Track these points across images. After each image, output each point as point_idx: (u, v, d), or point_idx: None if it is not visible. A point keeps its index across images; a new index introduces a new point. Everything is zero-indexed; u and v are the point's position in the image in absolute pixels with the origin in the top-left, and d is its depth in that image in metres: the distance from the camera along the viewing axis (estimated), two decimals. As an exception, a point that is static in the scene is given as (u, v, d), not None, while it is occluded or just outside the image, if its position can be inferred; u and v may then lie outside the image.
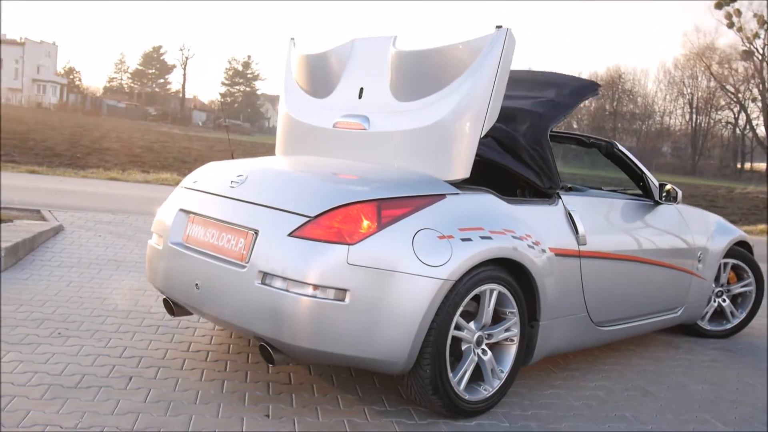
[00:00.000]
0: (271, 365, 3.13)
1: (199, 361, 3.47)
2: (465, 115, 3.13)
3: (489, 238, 3.02)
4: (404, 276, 2.78)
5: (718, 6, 56.83)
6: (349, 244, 2.74)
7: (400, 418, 3.01)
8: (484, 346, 3.11)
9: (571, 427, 3.10)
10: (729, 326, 4.91)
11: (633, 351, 4.40)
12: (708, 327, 4.87)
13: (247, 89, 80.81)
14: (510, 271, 3.14)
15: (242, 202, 3.07)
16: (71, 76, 75.57)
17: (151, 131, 37.70)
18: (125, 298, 4.46)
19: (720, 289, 4.88)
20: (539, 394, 3.47)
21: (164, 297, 3.45)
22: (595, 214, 3.77)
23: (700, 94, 64.53)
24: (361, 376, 3.46)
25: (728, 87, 61.67)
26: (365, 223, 2.79)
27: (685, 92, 65.83)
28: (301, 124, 3.79)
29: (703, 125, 64.83)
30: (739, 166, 61.86)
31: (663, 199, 4.24)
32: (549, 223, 3.42)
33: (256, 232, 2.90)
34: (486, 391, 3.12)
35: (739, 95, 61.20)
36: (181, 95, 73.31)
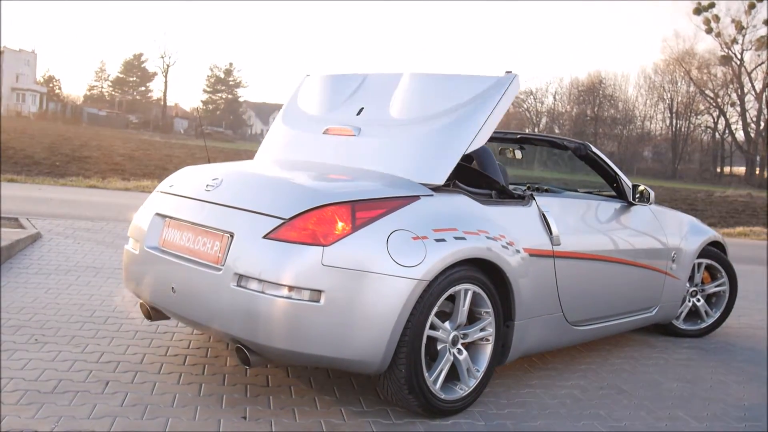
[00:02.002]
0: (247, 367, 3.14)
1: (177, 365, 3.48)
2: (453, 132, 3.28)
3: (463, 238, 3.05)
4: (379, 276, 2.80)
5: (697, 11, 57.52)
6: (323, 246, 2.76)
7: (377, 418, 3.04)
8: (459, 346, 3.14)
9: (545, 426, 3.13)
10: (703, 325, 4.98)
11: (609, 350, 4.45)
12: (683, 326, 4.93)
13: (229, 96, 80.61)
14: (484, 272, 3.18)
15: (217, 205, 3.09)
16: (51, 85, 74.99)
17: (132, 139, 37.48)
18: (103, 304, 4.45)
19: (694, 289, 4.95)
20: (515, 393, 3.51)
21: (141, 301, 3.46)
22: (569, 215, 3.82)
23: (679, 99, 65.20)
24: (339, 378, 3.48)
25: (707, 92, 62.41)
26: (340, 224, 2.82)
27: (665, 97, 66.50)
28: (291, 132, 3.88)
29: (683, 130, 65.45)
30: (718, 170, 62.48)
31: (636, 199, 4.30)
32: (523, 224, 3.46)
33: (232, 235, 2.92)
34: (462, 390, 3.15)
35: (718, 100, 61.95)
36: (162, 103, 72.97)
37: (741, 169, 61.60)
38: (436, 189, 3.19)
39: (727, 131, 63.29)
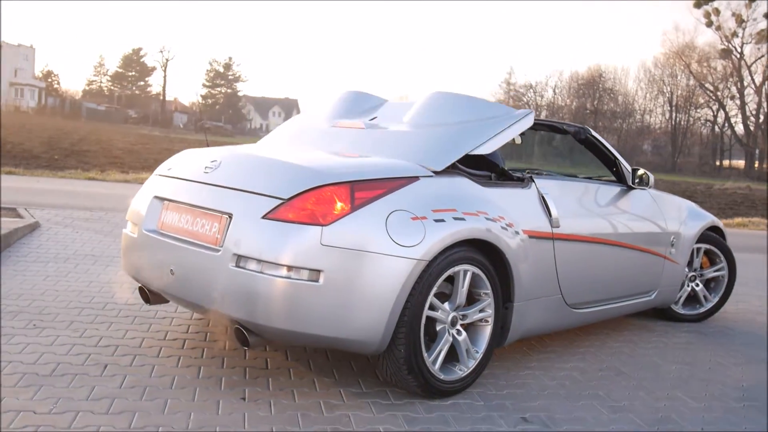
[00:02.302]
0: (246, 349, 3.14)
1: (176, 349, 3.47)
2: (462, 133, 3.43)
3: (462, 219, 3.05)
4: (378, 256, 2.80)
5: (697, 5, 57.54)
6: (322, 225, 2.76)
7: (376, 399, 3.04)
8: (458, 327, 3.14)
9: (545, 406, 3.13)
10: (702, 310, 4.98)
11: (607, 334, 4.45)
12: (682, 311, 4.94)
13: (229, 91, 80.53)
14: (484, 253, 3.18)
15: (216, 187, 3.08)
16: (49, 80, 74.91)
17: (132, 133, 37.48)
18: (101, 291, 4.44)
19: (693, 273, 4.95)
20: (514, 374, 3.51)
21: (139, 285, 3.45)
22: (568, 198, 3.81)
23: (679, 92, 65.12)
24: (338, 360, 3.48)
25: (707, 85, 62.34)
26: (339, 204, 2.82)
27: (665, 90, 66.42)
28: (299, 124, 3.97)
29: (682, 123, 65.40)
30: (718, 163, 62.46)
31: (636, 183, 4.30)
32: (522, 206, 3.46)
33: (230, 216, 2.92)
34: (461, 371, 3.15)
35: (718, 93, 61.89)
36: (161, 97, 72.88)
37: (740, 163, 61.57)
38: (435, 171, 3.19)
39: (726, 124, 63.30)
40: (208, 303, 2.94)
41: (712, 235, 4.94)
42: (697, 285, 4.97)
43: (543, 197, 3.58)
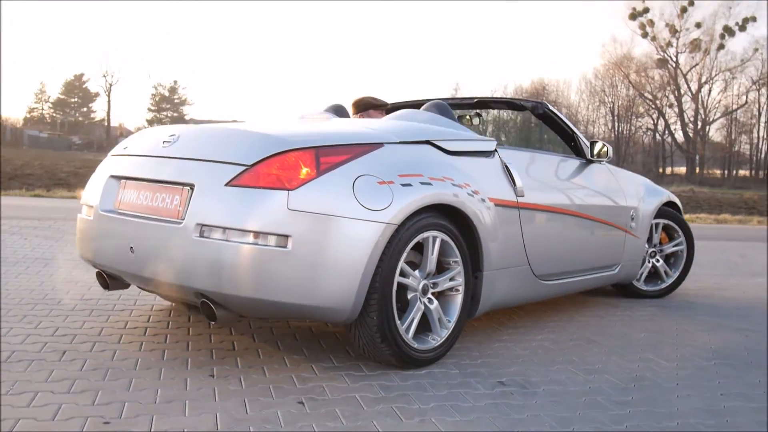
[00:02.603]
0: (211, 324, 3.02)
1: (137, 336, 3.34)
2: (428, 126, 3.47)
3: (429, 183, 3.01)
4: (346, 220, 2.74)
5: (632, 17, 59.29)
6: (288, 190, 2.68)
7: (349, 372, 2.96)
8: (429, 295, 3.09)
9: (520, 371, 3.10)
10: (664, 285, 5.03)
11: (575, 310, 4.46)
12: (644, 287, 4.98)
13: (175, 114, 79.46)
14: (451, 220, 3.14)
15: (176, 159, 2.98)
16: (-12, 108, 72.71)
17: (77, 159, 36.57)
18: (55, 289, 4.27)
19: (653, 249, 5.00)
20: (487, 347, 3.47)
21: (97, 270, 3.31)
22: (532, 169, 3.82)
23: (620, 102, 66.71)
24: (307, 340, 3.40)
25: (646, 94, 64.04)
26: (304, 170, 2.75)
27: (606, 101, 67.95)
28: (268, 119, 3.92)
29: (625, 132, 66.95)
30: (660, 170, 64.07)
31: (595, 156, 4.33)
32: (487, 174, 3.44)
33: (192, 187, 2.82)
34: (434, 340, 3.10)
35: (657, 102, 63.64)
36: (106, 123, 71.49)
37: (682, 169, 63.30)
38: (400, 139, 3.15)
39: (666, 132, 65.03)
40: (171, 278, 2.83)
41: (670, 211, 5.01)
42: (658, 261, 5.02)
43: (507, 166, 3.57)
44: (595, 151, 4.34)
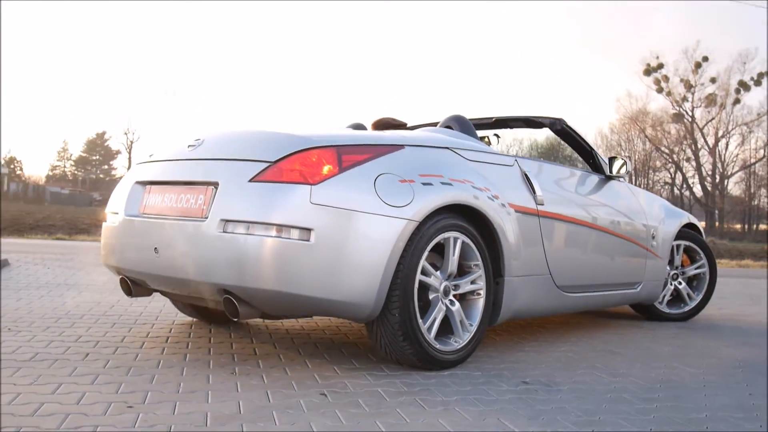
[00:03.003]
0: (235, 320, 3.03)
1: (159, 343, 3.35)
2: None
3: (449, 184, 3.04)
4: (368, 216, 2.77)
5: (647, 72, 59.84)
6: (311, 185, 2.72)
7: (371, 371, 2.94)
8: (451, 297, 3.09)
9: (545, 374, 3.06)
10: (687, 309, 4.97)
11: (597, 328, 4.41)
12: (667, 310, 4.92)
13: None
14: (472, 223, 3.16)
15: (201, 161, 3.03)
16: (12, 166, 74.24)
17: (97, 213, 37.02)
18: (78, 307, 4.30)
19: (675, 272, 4.96)
20: (509, 355, 3.44)
21: (121, 276, 3.34)
22: (551, 179, 3.84)
23: (636, 156, 66.79)
24: (328, 348, 3.39)
25: (663, 149, 64.13)
26: (326, 166, 2.79)
27: (622, 155, 67.96)
28: None
29: (642, 186, 66.86)
30: (680, 223, 63.53)
31: (614, 173, 4.34)
32: (507, 181, 3.46)
33: (216, 185, 2.86)
34: (456, 342, 3.08)
35: (674, 156, 63.66)
36: (126, 180, 72.37)
37: (701, 223, 62.81)
38: (420, 143, 3.20)
39: (684, 186, 64.85)
40: (195, 275, 2.85)
41: (690, 233, 4.98)
42: (680, 283, 4.97)
43: (526, 175, 3.60)
44: (614, 169, 4.35)
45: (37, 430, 2.01)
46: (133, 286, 3.30)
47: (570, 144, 4.37)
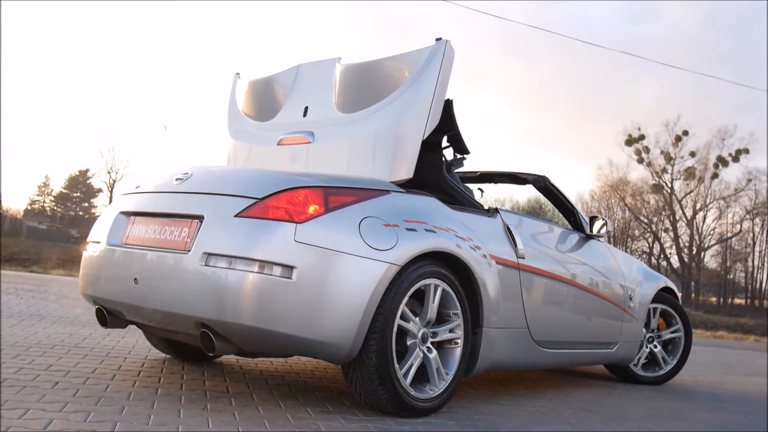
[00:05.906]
0: (210, 355, 2.99)
1: (131, 376, 3.30)
2: (406, 120, 3.27)
3: (433, 231, 3.07)
4: (351, 257, 2.78)
5: (629, 143, 60.98)
6: (296, 223, 2.74)
7: (345, 415, 2.91)
8: (429, 344, 3.08)
9: (518, 427, 3.05)
10: (662, 372, 4.97)
11: (572, 387, 4.40)
12: (642, 373, 4.93)
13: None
14: (453, 272, 3.17)
15: (188, 194, 3.04)
16: (-10, 198, 73.41)
17: (73, 250, 36.61)
18: (49, 338, 4.23)
19: (651, 334, 4.99)
20: (485, 408, 3.42)
21: (97, 306, 3.30)
22: (533, 234, 3.88)
23: (616, 224, 67.51)
24: (302, 391, 3.35)
25: (642, 218, 64.96)
26: (313, 206, 2.81)
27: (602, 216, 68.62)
28: (246, 147, 3.86)
29: (620, 254, 67.29)
30: (656, 293, 63.88)
31: (594, 232, 4.40)
32: (489, 232, 3.50)
33: (201, 218, 2.87)
34: (432, 391, 3.06)
35: (653, 226, 64.44)
36: (106, 219, 71.72)
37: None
38: (406, 189, 3.23)
39: (662, 255, 65.48)
40: (173, 307, 2.83)
41: (667, 296, 5.03)
42: (656, 346, 4.99)
43: (509, 228, 3.64)
44: (595, 228, 4.41)
45: (1, 453, 1.96)
46: (109, 316, 3.26)
47: (552, 201, 4.44)
